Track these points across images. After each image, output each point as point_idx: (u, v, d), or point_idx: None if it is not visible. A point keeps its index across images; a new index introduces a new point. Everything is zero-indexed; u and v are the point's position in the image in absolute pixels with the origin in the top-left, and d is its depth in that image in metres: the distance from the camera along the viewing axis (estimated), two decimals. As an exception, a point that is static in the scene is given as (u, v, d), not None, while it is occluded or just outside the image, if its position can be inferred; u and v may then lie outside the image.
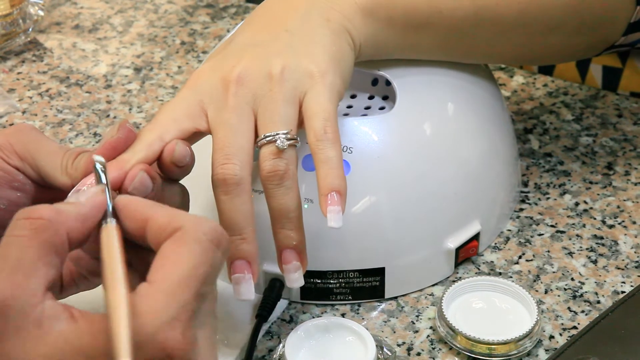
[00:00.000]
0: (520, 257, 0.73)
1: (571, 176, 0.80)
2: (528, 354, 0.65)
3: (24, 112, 0.90)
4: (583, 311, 0.68)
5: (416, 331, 0.67)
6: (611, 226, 0.76)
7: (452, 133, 0.71)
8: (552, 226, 0.76)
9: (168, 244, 0.48)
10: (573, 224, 0.76)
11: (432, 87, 0.72)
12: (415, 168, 0.69)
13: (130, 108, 0.90)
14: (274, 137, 0.59)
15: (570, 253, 0.73)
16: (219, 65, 0.64)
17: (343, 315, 0.69)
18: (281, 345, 0.63)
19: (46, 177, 0.57)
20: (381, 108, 0.73)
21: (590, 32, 0.74)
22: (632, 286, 0.70)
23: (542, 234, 0.75)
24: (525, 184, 0.80)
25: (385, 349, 0.64)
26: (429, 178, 0.69)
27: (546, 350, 0.65)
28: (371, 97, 0.74)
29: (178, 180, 0.61)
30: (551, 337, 0.66)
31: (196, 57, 0.97)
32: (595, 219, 0.76)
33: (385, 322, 0.68)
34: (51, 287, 0.46)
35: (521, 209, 0.77)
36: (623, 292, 0.70)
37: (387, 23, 0.67)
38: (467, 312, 0.67)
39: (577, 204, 0.78)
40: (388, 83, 0.72)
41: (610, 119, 0.87)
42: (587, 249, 0.73)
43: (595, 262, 0.72)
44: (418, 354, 0.66)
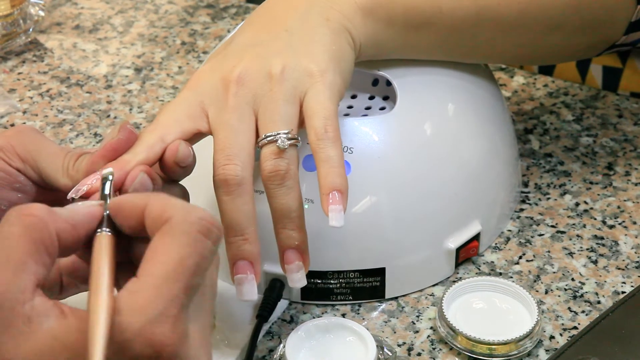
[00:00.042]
0: (520, 258, 0.73)
1: (571, 176, 0.80)
2: (528, 354, 0.65)
3: (25, 112, 0.90)
4: (583, 311, 0.69)
5: (416, 331, 0.67)
6: (611, 226, 0.76)
7: (453, 133, 0.71)
8: (553, 226, 0.76)
9: (157, 237, 0.47)
10: (573, 224, 0.76)
11: (433, 88, 0.72)
12: (415, 168, 0.69)
13: (130, 108, 0.90)
14: (275, 137, 0.60)
15: (570, 253, 0.73)
16: (219, 65, 0.64)
17: (343, 315, 0.69)
18: (282, 345, 0.63)
19: (47, 179, 0.57)
20: (382, 108, 0.73)
21: (590, 32, 0.74)
22: (633, 286, 0.70)
23: (543, 234, 0.75)
24: (525, 184, 0.80)
25: (385, 349, 0.64)
26: (430, 178, 0.69)
27: (546, 350, 0.66)
28: (372, 98, 0.74)
29: (179, 180, 0.61)
30: (551, 338, 0.67)
31: (197, 58, 0.97)
32: (595, 219, 0.76)
33: (385, 323, 0.68)
34: (41, 284, 0.46)
35: (521, 209, 0.77)
36: (623, 293, 0.70)
37: (387, 23, 0.67)
38: (468, 313, 0.67)
39: (578, 204, 0.78)
40: (388, 83, 0.72)
41: (610, 120, 0.87)
42: (588, 249, 0.74)
43: (595, 263, 0.72)
44: (418, 354, 0.66)
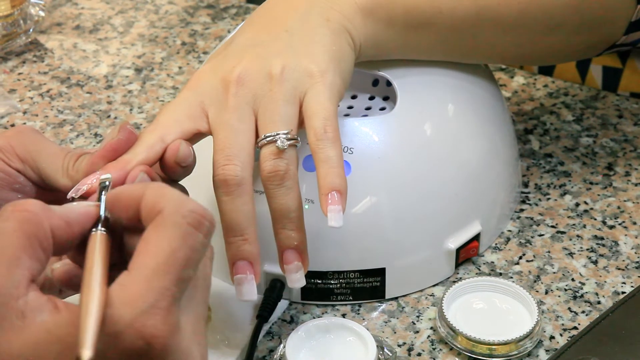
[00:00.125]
0: (520, 258, 0.73)
1: (571, 177, 0.80)
2: (528, 355, 0.65)
3: (25, 113, 0.90)
4: (583, 312, 0.69)
5: (417, 331, 0.67)
6: (611, 227, 0.76)
7: (453, 133, 0.71)
8: (553, 227, 0.76)
9: (149, 229, 0.47)
10: (573, 225, 0.76)
11: (433, 88, 0.72)
12: (415, 168, 0.69)
13: (131, 108, 0.90)
14: (275, 137, 0.60)
15: (570, 253, 0.73)
16: (220, 65, 0.64)
17: (344, 315, 0.69)
18: (282, 345, 0.63)
19: (47, 179, 0.57)
20: (382, 109, 0.73)
21: (590, 32, 0.74)
22: (633, 287, 0.70)
23: (543, 235, 0.75)
24: (525, 185, 0.80)
25: (385, 350, 0.64)
26: (430, 178, 0.69)
27: (547, 350, 0.66)
28: (372, 98, 0.74)
29: (179, 180, 0.61)
30: (552, 338, 0.67)
31: (197, 58, 0.97)
32: (595, 220, 0.76)
33: (385, 323, 0.68)
34: (35, 280, 0.46)
35: (521, 210, 0.77)
36: (623, 293, 0.70)
37: (388, 23, 0.67)
38: (468, 313, 0.67)
39: (578, 205, 0.78)
40: (389, 84, 0.72)
41: (610, 120, 0.87)
42: (588, 250, 0.74)
43: (595, 263, 0.72)
44: (419, 355, 0.66)
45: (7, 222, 0.46)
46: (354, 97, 0.75)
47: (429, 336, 0.67)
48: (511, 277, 0.71)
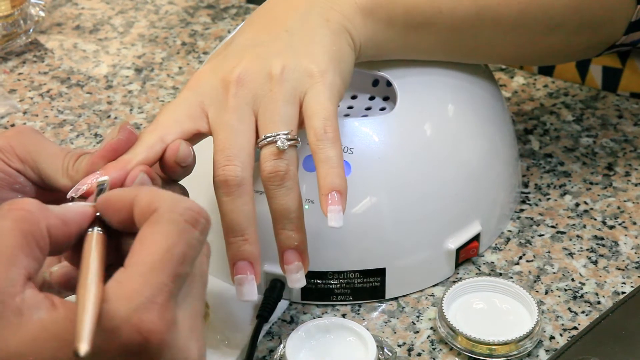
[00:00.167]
0: (520, 258, 0.73)
1: (571, 177, 0.80)
2: (528, 355, 0.65)
3: (25, 113, 0.90)
4: (583, 312, 0.69)
5: (417, 332, 0.67)
6: (611, 227, 0.76)
7: (453, 134, 0.71)
8: (553, 227, 0.76)
9: (144, 228, 0.47)
10: (573, 225, 0.76)
11: (433, 88, 0.72)
12: (415, 169, 0.69)
13: (131, 109, 0.90)
14: (275, 138, 0.60)
15: (570, 254, 0.73)
16: (220, 66, 0.64)
17: (344, 315, 0.69)
18: (282, 345, 0.63)
19: (47, 179, 0.57)
20: (382, 109, 0.73)
21: (590, 32, 0.74)
22: (633, 287, 0.70)
23: (543, 235, 0.75)
24: (525, 185, 0.80)
25: (385, 350, 0.64)
26: (430, 179, 0.69)
27: (547, 350, 0.66)
28: (372, 98, 0.74)
29: (179, 180, 0.61)
30: (552, 338, 0.67)
31: (197, 58, 0.97)
32: (595, 220, 0.76)
33: (385, 323, 0.68)
34: (32, 278, 0.46)
35: (521, 210, 0.77)
36: (623, 293, 0.70)
37: (388, 23, 0.67)
38: (468, 313, 0.67)
39: (578, 205, 0.78)
40: (389, 84, 0.72)
41: (610, 120, 0.87)
42: (588, 250, 0.74)
43: (595, 263, 0.72)
44: (419, 355, 0.66)
45: (4, 221, 0.46)
46: (354, 97, 0.75)
47: (429, 336, 0.67)
48: (511, 277, 0.71)
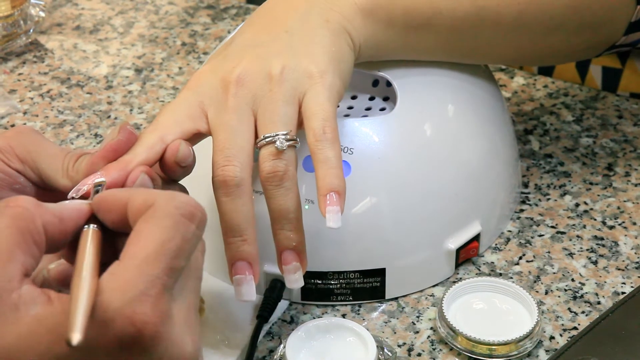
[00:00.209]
0: (520, 258, 0.73)
1: (571, 177, 0.80)
2: (528, 355, 0.65)
3: (25, 113, 0.90)
4: (583, 312, 0.69)
5: (417, 332, 0.67)
6: (611, 227, 0.76)
7: (453, 134, 0.71)
8: (553, 227, 0.76)
9: (140, 221, 0.48)
10: (573, 225, 0.76)
11: (433, 88, 0.72)
12: (415, 169, 0.69)
13: (131, 109, 0.90)
14: (274, 138, 0.60)
15: (570, 254, 0.73)
16: (219, 66, 0.64)
17: (344, 315, 0.69)
18: (282, 346, 0.63)
19: (47, 180, 0.57)
20: (382, 109, 0.73)
21: (590, 32, 0.74)
22: (633, 287, 0.70)
23: (543, 235, 0.75)
24: (525, 185, 0.80)
25: (385, 350, 0.64)
26: (430, 179, 0.69)
27: (546, 351, 0.66)
28: (372, 98, 0.74)
29: (178, 180, 0.61)
30: (551, 338, 0.67)
31: (197, 58, 0.98)
32: (595, 220, 0.76)
33: (385, 323, 0.68)
34: (29, 274, 0.47)
35: (521, 210, 0.77)
36: (623, 293, 0.70)
37: (387, 24, 0.68)
38: (468, 313, 0.67)
39: (578, 205, 0.78)
40: (389, 84, 0.72)
41: (610, 120, 0.87)
42: (588, 250, 0.74)
43: (595, 263, 0.72)
44: (419, 355, 0.66)
45: (0, 218, 0.47)
46: (354, 98, 0.75)
47: (429, 336, 0.67)
48: (511, 278, 0.71)
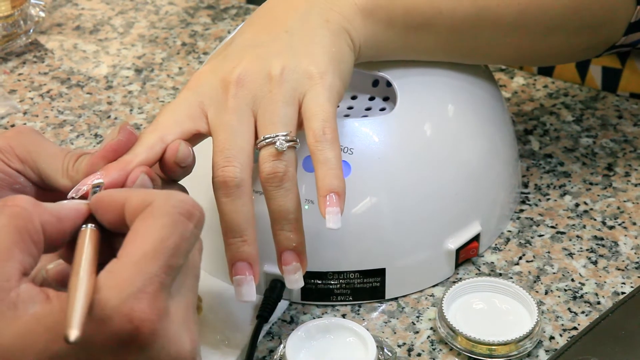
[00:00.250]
0: (520, 258, 0.73)
1: (571, 177, 0.80)
2: (528, 355, 0.65)
3: (25, 113, 0.90)
4: (583, 312, 0.69)
5: (417, 332, 0.67)
6: (611, 227, 0.76)
7: (453, 134, 0.71)
8: (553, 227, 0.76)
9: (138, 220, 0.48)
10: (573, 225, 0.76)
11: (433, 88, 0.72)
12: (415, 169, 0.69)
13: (131, 109, 0.90)
14: (274, 139, 0.60)
15: (570, 254, 0.73)
16: (219, 66, 0.64)
17: (343, 316, 0.69)
18: (282, 346, 0.63)
19: (47, 180, 0.58)
20: (382, 109, 0.73)
21: (590, 33, 0.74)
22: (632, 287, 0.70)
23: (543, 235, 0.75)
24: (525, 185, 0.80)
25: (385, 350, 0.64)
26: (430, 179, 0.69)
27: (546, 351, 0.66)
28: (372, 98, 0.74)
29: (178, 180, 0.61)
30: (551, 338, 0.67)
31: (197, 59, 0.98)
32: (595, 220, 0.76)
33: (385, 323, 0.68)
34: (28, 273, 0.47)
35: (521, 210, 0.77)
36: (623, 293, 0.70)
37: (387, 24, 0.68)
38: (468, 313, 0.67)
39: (577, 205, 0.78)
40: (389, 84, 0.72)
41: (610, 120, 0.87)
42: (588, 250, 0.74)
43: (595, 263, 0.72)
44: (418, 355, 0.66)
45: None
46: (354, 98, 0.75)
47: (429, 336, 0.67)
48: (511, 278, 0.71)
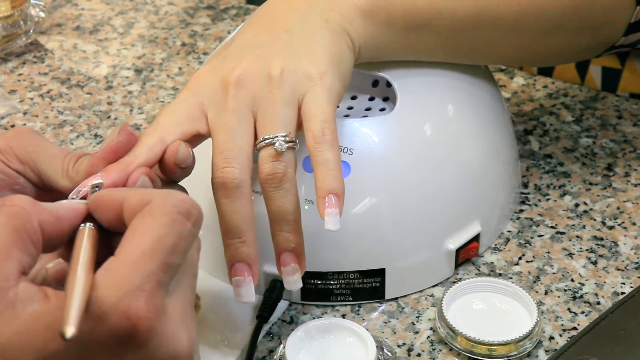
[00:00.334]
0: (520, 258, 0.73)
1: (571, 177, 0.80)
2: (528, 355, 0.65)
3: (25, 114, 0.90)
4: (583, 312, 0.69)
5: (416, 332, 0.67)
6: (611, 227, 0.76)
7: (453, 134, 0.71)
8: (552, 227, 0.76)
9: (136, 218, 0.48)
10: (573, 225, 0.76)
11: (433, 89, 0.72)
12: (415, 169, 0.69)
13: (131, 109, 0.90)
14: (273, 140, 0.60)
15: (570, 254, 0.73)
16: (219, 66, 0.64)
17: (343, 316, 0.69)
18: (282, 346, 0.63)
19: (47, 181, 0.58)
20: (382, 109, 0.73)
21: (590, 33, 0.74)
22: (632, 287, 0.70)
23: (542, 235, 0.75)
24: (525, 185, 0.80)
25: (385, 350, 0.64)
26: (430, 179, 0.69)
27: (546, 351, 0.66)
28: (372, 99, 0.74)
29: (178, 181, 0.61)
30: (551, 338, 0.67)
31: (197, 59, 0.98)
32: (595, 220, 0.76)
33: (385, 323, 0.68)
34: (26, 272, 0.47)
35: (521, 210, 0.77)
36: (623, 293, 0.70)
37: (387, 24, 0.68)
38: (467, 313, 0.67)
39: (577, 205, 0.78)
40: (389, 84, 0.72)
41: (610, 121, 0.87)
42: (587, 250, 0.74)
43: (595, 263, 0.72)
44: (418, 355, 0.66)
45: None
46: (354, 98, 0.75)
47: (429, 337, 0.67)
48: (511, 278, 0.71)
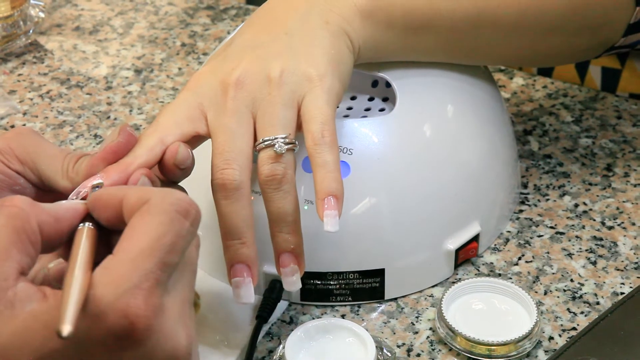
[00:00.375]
0: (519, 259, 0.73)
1: (571, 178, 0.81)
2: (527, 355, 0.65)
3: (25, 114, 0.90)
4: (582, 312, 0.69)
5: (416, 332, 0.67)
6: (610, 227, 0.76)
7: (452, 134, 0.71)
8: (552, 227, 0.76)
9: (135, 217, 0.48)
10: (572, 226, 0.76)
11: (432, 89, 0.72)
12: (415, 169, 0.69)
13: (130, 110, 0.90)
14: (273, 141, 0.60)
15: (569, 254, 0.73)
16: (219, 67, 0.64)
17: (343, 316, 0.69)
18: (281, 346, 0.63)
19: (47, 181, 0.58)
20: (381, 110, 0.73)
21: (590, 34, 0.74)
22: (632, 287, 0.70)
23: (542, 235, 0.75)
24: (524, 186, 0.80)
25: (385, 350, 0.64)
26: (429, 179, 0.69)
27: (545, 351, 0.66)
28: (371, 99, 0.74)
29: (177, 182, 0.61)
30: (550, 338, 0.67)
31: (196, 59, 0.98)
32: (594, 221, 0.76)
33: (385, 323, 0.68)
34: (25, 272, 0.47)
35: (521, 211, 0.77)
36: (622, 294, 0.70)
37: (387, 25, 0.68)
38: (467, 313, 0.67)
39: (577, 206, 0.78)
40: (388, 85, 0.72)
41: (609, 121, 0.87)
42: (587, 250, 0.74)
43: (594, 264, 0.73)
44: (418, 355, 0.66)
45: None
46: (354, 98, 0.75)
47: (428, 337, 0.67)
48: (510, 278, 0.71)
